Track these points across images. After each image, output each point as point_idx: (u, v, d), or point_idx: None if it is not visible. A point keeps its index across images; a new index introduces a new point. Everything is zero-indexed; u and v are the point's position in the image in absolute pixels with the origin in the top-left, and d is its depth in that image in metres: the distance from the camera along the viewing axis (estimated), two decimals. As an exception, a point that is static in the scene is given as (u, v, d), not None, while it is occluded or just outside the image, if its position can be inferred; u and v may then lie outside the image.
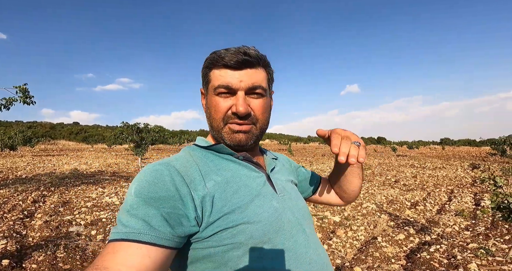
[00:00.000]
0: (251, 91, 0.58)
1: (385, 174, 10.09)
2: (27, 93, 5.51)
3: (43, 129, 43.71)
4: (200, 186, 0.51)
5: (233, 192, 0.54)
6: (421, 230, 3.78)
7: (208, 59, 0.61)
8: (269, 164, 0.67)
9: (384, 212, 4.83)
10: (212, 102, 0.59)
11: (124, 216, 0.46)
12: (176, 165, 0.53)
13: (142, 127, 11.90)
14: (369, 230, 3.82)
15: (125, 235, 0.43)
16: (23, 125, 31.46)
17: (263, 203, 0.55)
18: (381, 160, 17.21)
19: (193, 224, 0.49)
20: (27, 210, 4.56)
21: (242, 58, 0.56)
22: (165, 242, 0.45)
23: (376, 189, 7.13)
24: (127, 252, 0.42)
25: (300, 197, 0.70)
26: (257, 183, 0.58)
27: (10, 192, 5.98)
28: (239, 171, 0.58)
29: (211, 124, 0.62)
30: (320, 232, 3.69)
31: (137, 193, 0.47)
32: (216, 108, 0.59)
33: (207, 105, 0.62)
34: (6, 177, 8.68)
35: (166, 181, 0.49)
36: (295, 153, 25.27)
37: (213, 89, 0.59)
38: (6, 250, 2.88)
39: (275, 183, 0.63)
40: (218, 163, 0.59)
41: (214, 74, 0.59)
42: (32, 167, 11.18)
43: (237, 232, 0.50)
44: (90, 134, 38.75)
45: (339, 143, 0.57)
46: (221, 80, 0.57)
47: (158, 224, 0.45)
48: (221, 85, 0.57)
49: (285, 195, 0.63)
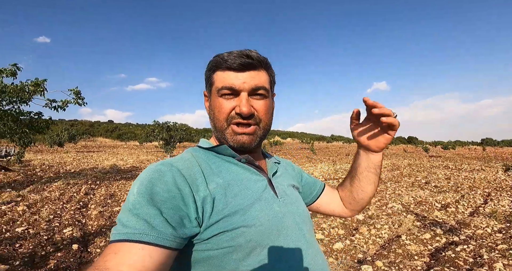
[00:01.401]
0: (254, 92, 0.60)
1: (415, 175, 9.75)
2: (79, 95, 6.21)
3: (83, 127, 47.34)
4: (202, 187, 0.52)
5: (234, 194, 0.54)
6: (449, 230, 3.77)
7: (211, 62, 0.62)
8: (271, 168, 0.68)
9: (411, 212, 4.81)
10: (215, 104, 0.60)
11: (126, 216, 0.46)
12: (178, 165, 0.54)
13: (171, 125, 12.58)
14: (393, 229, 3.88)
15: (127, 236, 0.43)
16: (66, 123, 34.32)
17: (263, 207, 0.55)
18: (411, 160, 16.51)
19: (194, 225, 0.49)
20: (82, 201, 5.20)
21: (245, 61, 0.58)
22: (166, 243, 0.45)
23: (403, 190, 6.99)
24: (129, 252, 0.42)
25: (301, 201, 0.70)
26: (258, 187, 0.59)
27: (64, 185, 6.79)
28: (241, 174, 0.59)
29: (214, 126, 0.63)
30: (342, 229, 3.82)
31: (139, 193, 0.47)
32: (219, 109, 0.60)
33: (211, 107, 0.63)
34: (58, 171, 9.74)
35: (168, 181, 0.49)
36: (318, 152, 24.99)
37: (216, 91, 0.60)
38: (73, 236, 3.36)
39: (276, 187, 0.63)
40: (220, 164, 0.59)
41: (217, 77, 0.60)
42: (78, 162, 12.36)
43: (236, 235, 0.50)
44: (124, 132, 41.10)
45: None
46: (224, 82, 0.59)
47: (159, 224, 0.45)
48: (225, 86, 0.58)
49: (286, 199, 0.63)
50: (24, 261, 2.60)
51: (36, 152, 18.21)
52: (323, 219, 4.22)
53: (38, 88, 5.99)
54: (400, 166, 12.84)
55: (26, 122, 6.37)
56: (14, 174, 8.94)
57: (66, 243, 3.11)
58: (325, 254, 3.04)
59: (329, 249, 3.15)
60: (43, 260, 2.65)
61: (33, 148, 21.17)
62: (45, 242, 3.10)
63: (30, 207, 4.62)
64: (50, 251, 2.87)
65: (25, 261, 2.61)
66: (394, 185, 7.58)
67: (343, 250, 3.10)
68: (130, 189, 0.50)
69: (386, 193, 6.45)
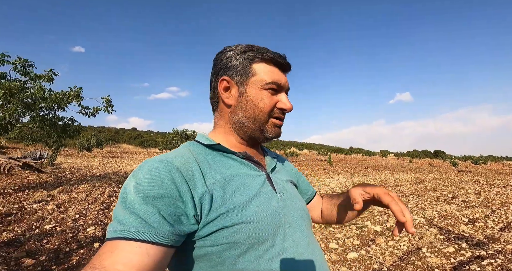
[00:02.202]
0: (287, 92, 0.66)
1: (441, 189, 9.26)
2: (110, 103, 6.62)
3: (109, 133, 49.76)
4: (199, 184, 0.51)
5: (232, 191, 0.54)
6: (476, 245, 3.54)
7: (249, 50, 0.61)
8: (269, 163, 0.67)
9: (434, 225, 4.57)
10: (260, 95, 0.60)
11: (122, 213, 0.45)
12: (175, 161, 0.52)
13: (189, 133, 12.99)
14: (413, 241, 3.70)
15: (123, 233, 0.43)
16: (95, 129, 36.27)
17: (262, 203, 0.55)
18: (437, 174, 15.67)
19: (192, 222, 0.49)
20: (105, 203, 5.46)
21: (288, 63, 0.64)
22: (164, 240, 0.44)
23: (427, 203, 6.66)
24: (125, 250, 0.41)
25: (299, 197, 0.70)
26: (257, 182, 0.58)
27: (90, 187, 7.17)
28: (239, 169, 0.59)
29: (254, 116, 0.61)
30: (358, 239, 3.71)
31: (135, 191, 0.46)
32: (265, 102, 0.60)
33: (247, 98, 0.61)
34: (85, 174, 10.30)
35: (165, 178, 0.48)
36: (335, 164, 24.38)
37: (263, 83, 0.60)
38: (95, 234, 3.54)
39: (275, 182, 0.63)
40: (218, 160, 0.59)
41: (262, 68, 0.61)
42: (103, 167, 12.99)
43: (234, 231, 0.50)
44: (145, 139, 42.62)
45: (400, 208, 0.52)
46: (272, 77, 0.60)
47: (157, 222, 0.44)
48: (274, 82, 0.61)
49: (285, 194, 0.63)
50: (49, 257, 2.77)
51: (67, 156, 19.39)
52: (338, 229, 4.12)
53: (77, 98, 6.48)
54: (424, 180, 12.23)
55: (61, 128, 6.86)
56: (46, 175, 9.59)
57: (88, 241, 3.28)
58: (338, 263, 2.97)
59: (343, 258, 3.07)
60: (66, 256, 2.81)
61: (64, 151, 22.56)
62: (70, 239, 3.29)
63: (59, 206, 4.93)
64: (74, 248, 3.03)
65: (50, 256, 2.78)
66: (417, 199, 7.24)
67: (358, 260, 3.01)
68: (126, 185, 0.49)
69: (407, 206, 6.17)
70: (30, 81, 6.31)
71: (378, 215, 5.17)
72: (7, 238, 3.17)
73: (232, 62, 0.62)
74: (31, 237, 3.23)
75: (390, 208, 0.54)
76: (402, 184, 10.56)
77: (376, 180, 12.06)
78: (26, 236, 3.26)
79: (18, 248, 2.88)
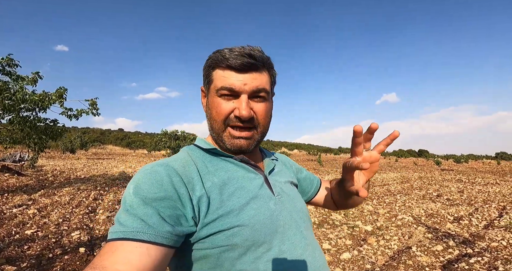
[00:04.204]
0: (255, 94, 0.58)
1: (426, 188, 9.51)
2: (95, 105, 6.41)
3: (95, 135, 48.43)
4: (197, 186, 0.52)
5: (229, 194, 0.54)
6: (462, 243, 3.63)
7: (211, 58, 0.59)
8: (268, 165, 0.67)
9: (422, 224, 4.67)
10: (213, 104, 0.58)
11: (123, 216, 0.46)
12: (174, 165, 0.53)
13: (179, 135, 12.81)
14: (403, 240, 3.76)
15: (123, 234, 0.43)
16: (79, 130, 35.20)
17: (259, 205, 0.55)
18: (421, 173, 16.12)
19: (191, 224, 0.49)
20: (90, 206, 5.26)
21: (247, 61, 0.55)
22: (163, 241, 0.45)
23: (414, 202, 6.81)
24: (126, 250, 0.42)
25: (299, 198, 0.69)
26: (254, 185, 0.58)
27: (74, 190, 6.90)
28: (236, 173, 0.59)
29: (211, 126, 0.61)
30: (350, 240, 3.73)
31: (135, 193, 0.47)
32: (217, 110, 0.58)
33: (208, 106, 0.61)
34: (69, 177, 9.93)
35: (164, 181, 0.49)
36: (325, 164, 24.68)
37: (215, 90, 0.58)
38: (80, 239, 3.39)
39: (273, 184, 0.63)
40: (216, 163, 0.59)
41: (217, 75, 0.58)
42: (88, 169, 12.57)
43: (232, 234, 0.50)
44: (133, 140, 41.84)
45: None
46: (224, 81, 0.56)
47: (156, 222, 0.45)
48: (224, 87, 0.56)
49: (283, 196, 0.62)
50: (31, 263, 2.62)
51: (49, 158, 18.65)
52: (330, 229, 4.14)
53: (60, 99, 6.22)
54: (410, 178, 12.55)
55: (42, 129, 6.57)
56: (26, 178, 9.17)
57: (73, 246, 3.13)
58: (332, 264, 2.97)
59: (336, 259, 3.07)
60: (50, 262, 2.67)
61: (46, 154, 21.72)
62: (53, 244, 3.13)
63: (41, 211, 4.71)
64: (57, 254, 2.89)
65: (32, 263, 2.64)
66: (404, 197, 7.40)
67: (351, 261, 3.02)
68: (126, 189, 0.50)
69: (395, 205, 6.30)
70: (12, 82, 6.03)
71: (368, 214, 5.24)
72: (-16, 245, 2.99)
73: (204, 71, 0.63)
74: (10, 243, 3.05)
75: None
76: (389, 183, 10.78)
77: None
78: (6, 242, 3.08)
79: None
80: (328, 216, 4.98)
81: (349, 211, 5.38)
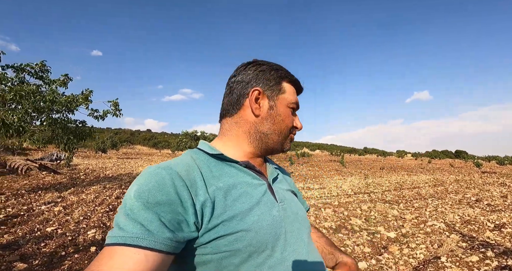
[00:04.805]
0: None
1: (463, 191, 8.70)
2: (117, 106, 6.66)
3: (125, 135, 51.17)
4: (201, 191, 0.51)
5: (233, 199, 0.54)
6: (503, 253, 3.19)
7: (279, 68, 0.68)
8: (271, 173, 0.69)
9: (456, 232, 4.21)
10: (285, 113, 0.66)
11: (123, 220, 0.46)
12: (177, 168, 0.53)
13: (199, 135, 13.08)
14: (432, 249, 3.39)
15: (123, 239, 0.43)
16: (111, 131, 37.39)
17: (262, 212, 0.56)
18: (459, 176, 14.85)
19: (192, 230, 0.49)
20: (111, 205, 5.45)
21: (303, 89, 0.72)
22: (163, 247, 0.44)
23: (448, 207, 6.23)
24: (124, 256, 0.42)
25: (300, 206, 0.70)
26: (258, 191, 0.59)
27: (100, 188, 7.24)
28: (241, 178, 0.59)
29: (280, 130, 0.66)
30: (369, 247, 3.44)
31: (137, 197, 0.47)
32: (289, 119, 0.66)
33: (278, 112, 0.65)
34: (98, 175, 10.49)
35: (167, 185, 0.49)
36: (349, 165, 23.71)
37: (287, 102, 0.66)
38: (94, 238, 3.47)
39: (276, 191, 0.63)
40: (221, 168, 0.59)
41: (288, 88, 0.67)
42: (117, 168, 13.23)
43: (235, 239, 0.50)
44: (159, 141, 43.48)
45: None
46: (295, 98, 0.68)
47: (156, 228, 0.45)
48: (296, 103, 0.69)
49: (285, 203, 0.63)
50: (43, 261, 2.69)
51: (84, 157, 19.97)
52: (348, 235, 3.86)
53: (86, 101, 6.57)
54: (445, 181, 11.60)
55: (72, 130, 6.97)
56: (61, 176, 9.83)
57: (86, 245, 3.20)
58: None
59: (352, 269, 2.82)
60: (60, 260, 2.73)
61: (82, 153, 23.31)
62: (68, 242, 3.23)
63: (66, 208, 4.95)
64: (70, 252, 2.96)
65: (44, 260, 2.70)
66: (436, 202, 6.80)
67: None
68: (127, 191, 0.49)
69: (426, 210, 5.78)
70: (44, 86, 6.47)
71: (392, 219, 4.84)
72: (7, 240, 3.15)
73: (266, 75, 0.65)
74: (29, 240, 3.19)
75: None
76: (420, 185, 10.04)
77: (392, 181, 11.54)
78: (26, 239, 3.24)
79: (14, 252, 2.84)
80: (347, 221, 4.68)
81: (371, 216, 5.02)
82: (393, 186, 9.91)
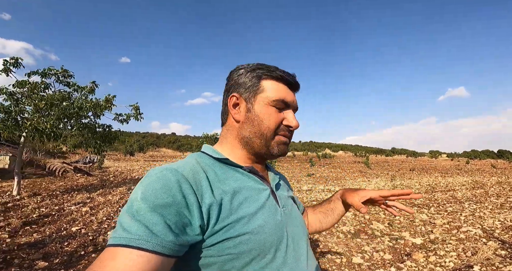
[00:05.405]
0: (294, 111, 0.67)
1: (506, 195, 7.90)
2: (138, 110, 6.93)
3: (151, 139, 53.53)
4: (207, 194, 0.52)
5: (239, 202, 0.55)
6: (549, 266, 2.79)
7: (258, 68, 0.64)
8: (273, 179, 0.69)
9: (495, 238, 3.79)
10: (266, 112, 0.62)
11: (127, 221, 0.46)
12: (183, 171, 0.53)
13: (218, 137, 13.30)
14: (464, 257, 3.06)
15: (126, 241, 0.43)
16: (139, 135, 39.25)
17: (266, 216, 0.56)
18: (501, 178, 13.54)
19: (197, 233, 0.49)
20: (133, 205, 5.67)
21: (297, 81, 0.66)
22: (166, 250, 0.44)
23: (487, 212, 5.66)
24: (127, 258, 0.42)
25: (299, 213, 0.71)
26: (263, 196, 0.60)
27: (125, 190, 7.57)
28: (246, 183, 0.60)
29: (260, 132, 0.62)
30: (390, 254, 3.19)
31: (143, 198, 0.47)
32: (271, 119, 0.62)
33: (256, 113, 0.62)
34: (126, 177, 11.01)
35: (173, 187, 0.49)
36: (374, 166, 22.63)
37: (269, 100, 0.62)
38: (112, 238, 3.63)
39: (278, 197, 0.64)
40: (226, 172, 0.60)
41: (269, 85, 0.63)
42: (143, 170, 13.81)
43: (239, 242, 0.51)
44: (182, 144, 44.80)
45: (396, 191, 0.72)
46: (279, 94, 0.62)
47: (161, 231, 0.45)
48: (281, 99, 0.62)
49: (287, 209, 0.64)
50: (63, 260, 2.82)
51: (115, 160, 21.16)
52: (367, 240, 3.63)
53: (108, 104, 6.93)
54: (485, 183, 10.63)
55: (101, 134, 7.38)
56: (93, 178, 10.46)
57: (105, 244, 3.32)
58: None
59: (369, 277, 2.63)
60: (78, 260, 2.84)
61: (113, 156, 24.70)
62: (89, 242, 3.37)
63: (93, 209, 5.22)
64: (89, 251, 3.08)
65: (64, 259, 2.83)
66: (474, 206, 6.22)
67: (387, 280, 2.55)
68: (133, 192, 0.49)
69: (461, 214, 5.30)
70: (74, 92, 6.93)
71: (420, 224, 4.49)
72: (35, 239, 3.37)
73: (242, 79, 0.65)
74: (54, 239, 3.38)
75: (391, 194, 0.71)
76: (456, 188, 9.29)
77: (423, 183, 10.80)
78: (52, 238, 3.43)
79: (39, 250, 3.01)
80: (367, 225, 4.42)
81: (395, 221, 4.69)
82: (424, 189, 9.27)
